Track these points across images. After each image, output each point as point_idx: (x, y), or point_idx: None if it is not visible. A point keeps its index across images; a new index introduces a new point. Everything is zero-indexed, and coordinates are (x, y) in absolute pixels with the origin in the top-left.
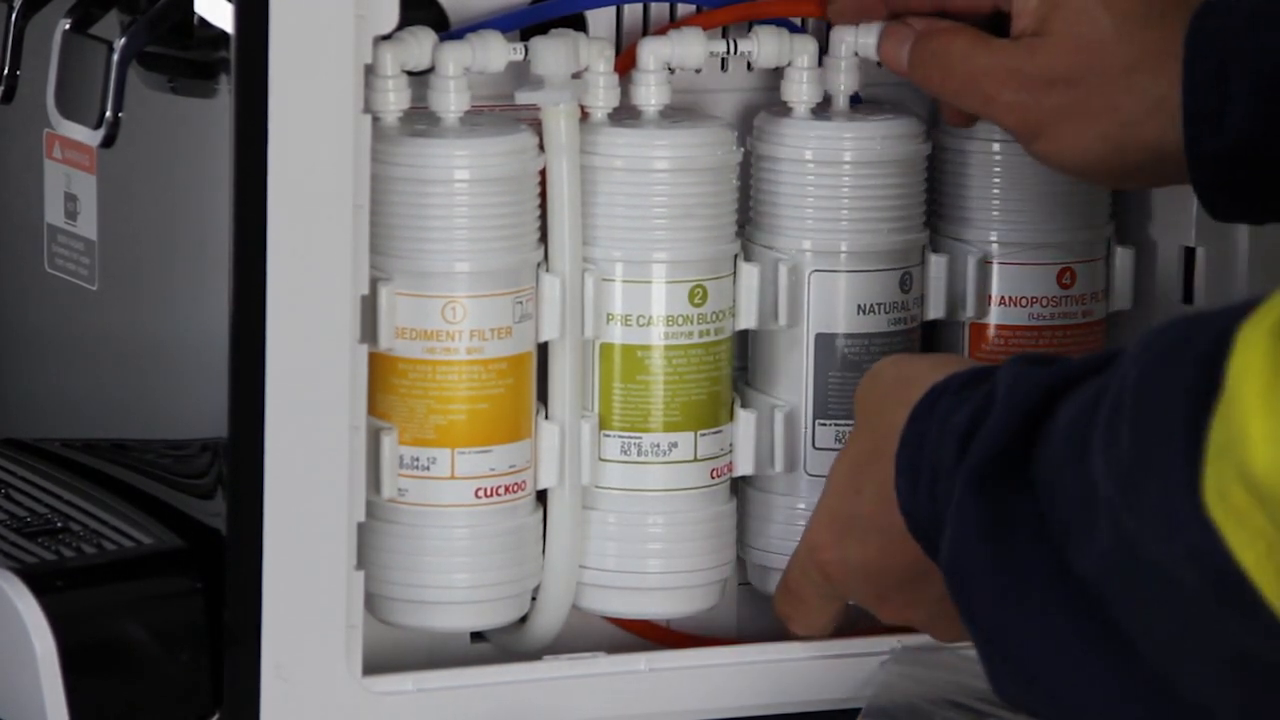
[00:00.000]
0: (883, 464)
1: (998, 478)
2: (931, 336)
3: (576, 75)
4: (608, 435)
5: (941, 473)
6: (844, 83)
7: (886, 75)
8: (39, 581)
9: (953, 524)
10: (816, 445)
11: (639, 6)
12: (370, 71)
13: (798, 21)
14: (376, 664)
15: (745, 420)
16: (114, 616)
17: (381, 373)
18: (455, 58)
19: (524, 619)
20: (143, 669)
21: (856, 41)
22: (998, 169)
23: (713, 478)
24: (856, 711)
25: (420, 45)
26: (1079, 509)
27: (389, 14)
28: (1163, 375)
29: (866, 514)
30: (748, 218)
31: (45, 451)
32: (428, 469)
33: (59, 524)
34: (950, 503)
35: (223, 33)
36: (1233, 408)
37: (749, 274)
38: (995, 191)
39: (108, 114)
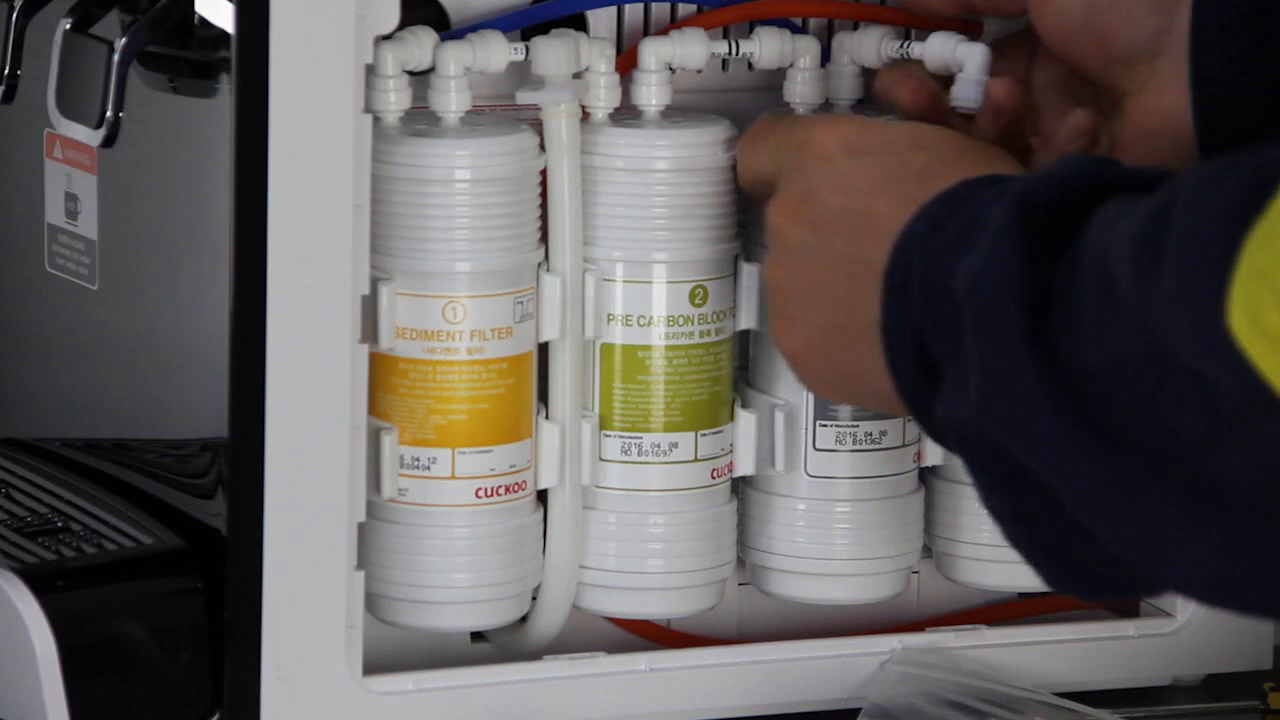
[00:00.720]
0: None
1: (1045, 220)
2: None
3: (577, 75)
4: (608, 435)
5: (987, 217)
6: (846, 89)
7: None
8: (39, 581)
9: (992, 240)
10: (817, 446)
11: (640, 6)
12: (371, 71)
13: (799, 22)
14: (376, 664)
15: (746, 420)
16: (114, 616)
17: (382, 373)
18: (456, 57)
19: (524, 619)
20: (143, 669)
21: (857, 50)
22: None
23: (713, 478)
24: (856, 711)
25: (421, 45)
26: (1095, 299)
27: (390, 14)
28: (1212, 193)
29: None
30: (748, 218)
31: (45, 451)
32: (428, 469)
33: (59, 524)
34: (987, 228)
35: (223, 32)
36: (1277, 234)
37: (750, 274)
38: None
39: (108, 114)
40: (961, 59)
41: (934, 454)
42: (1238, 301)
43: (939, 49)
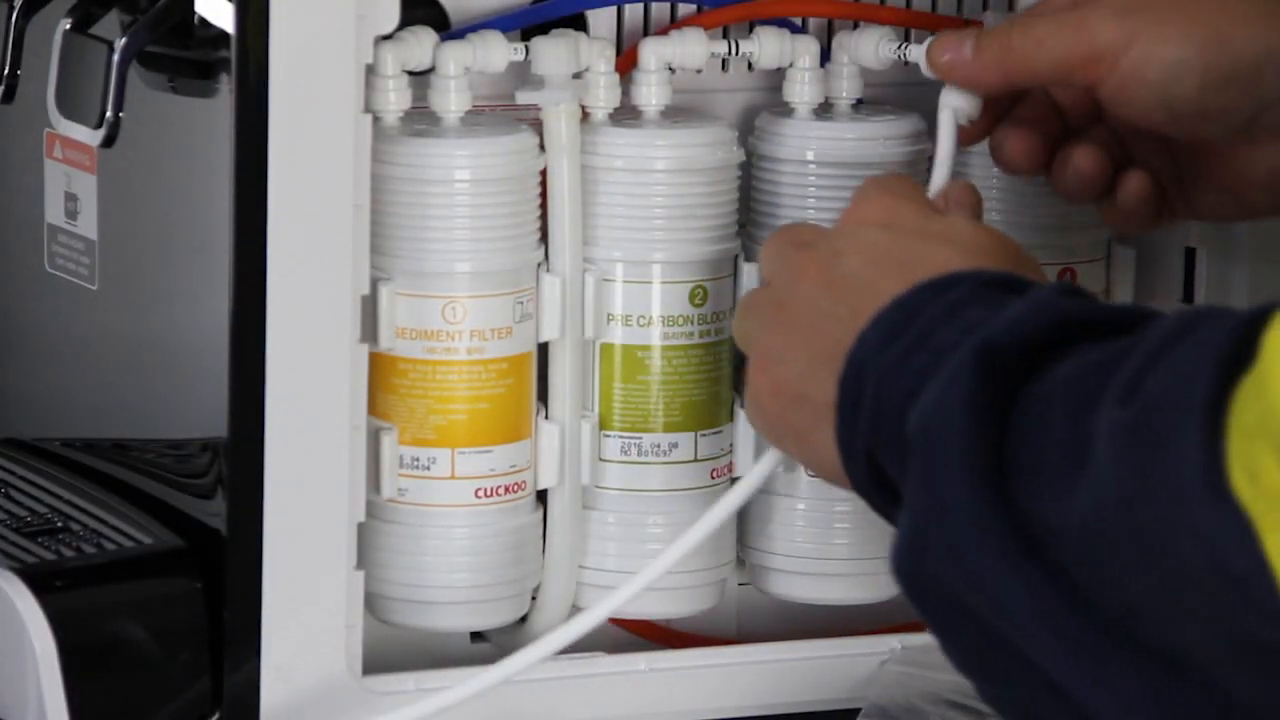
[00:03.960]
0: (854, 306)
1: (1005, 368)
2: None
3: (577, 75)
4: (608, 435)
5: (935, 342)
6: (846, 88)
7: (888, 77)
8: (39, 581)
9: (946, 385)
10: None
11: (640, 7)
12: (371, 71)
13: (799, 22)
14: (376, 664)
15: (745, 421)
16: (114, 616)
17: (382, 373)
18: (456, 58)
19: (524, 619)
20: (143, 669)
21: (856, 50)
22: (997, 169)
23: (713, 478)
24: (856, 711)
25: (421, 45)
26: (1062, 456)
27: (390, 13)
28: (1191, 348)
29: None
30: (748, 218)
31: (45, 451)
32: (428, 469)
33: (59, 524)
34: (944, 367)
35: (223, 32)
36: (1268, 385)
37: (750, 274)
38: (995, 192)
39: (108, 114)
40: None
41: None
42: (1236, 460)
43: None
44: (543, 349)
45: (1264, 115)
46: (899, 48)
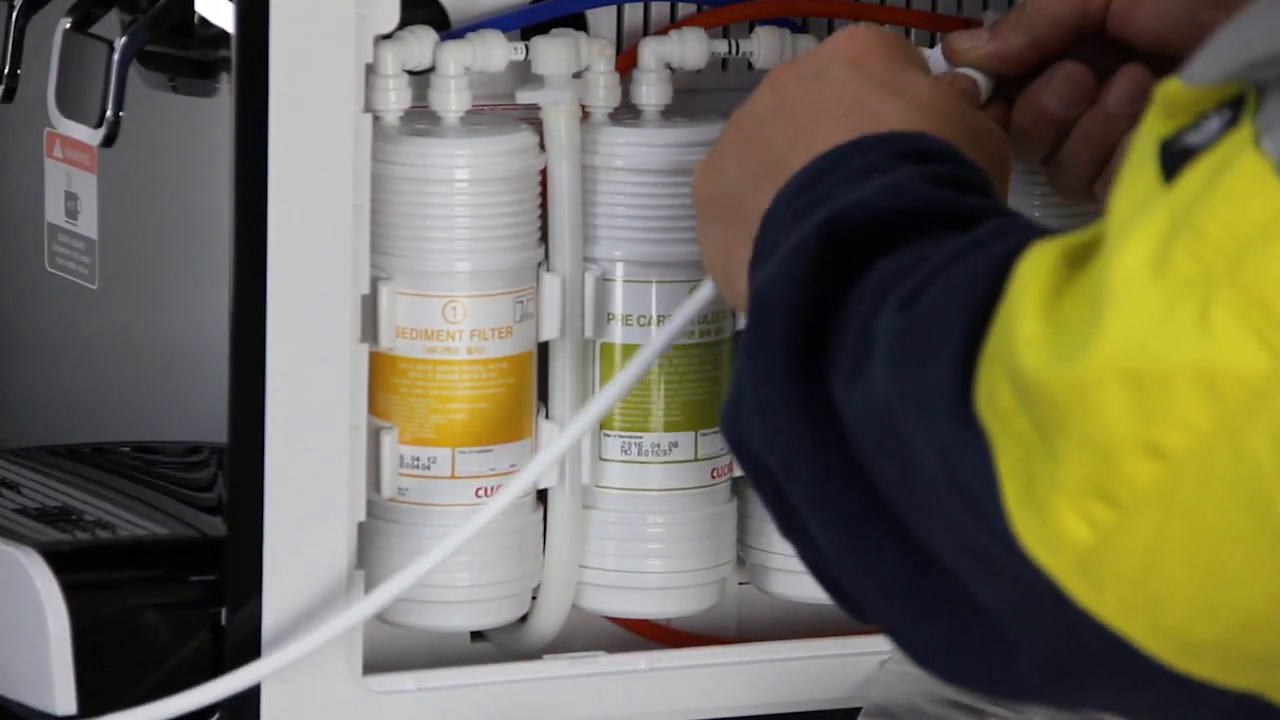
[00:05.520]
0: (786, 151)
1: (847, 247)
2: None
3: (577, 75)
4: (608, 435)
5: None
6: None
7: None
8: (56, 558)
9: (789, 255)
10: None
11: (640, 6)
12: (371, 71)
13: (799, 22)
14: (376, 664)
15: None
16: (127, 598)
17: (382, 372)
18: (456, 57)
19: (524, 618)
20: (151, 653)
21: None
22: None
23: (713, 477)
24: (856, 711)
25: (421, 44)
26: (854, 350)
27: (390, 13)
28: (969, 267)
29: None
30: None
31: (46, 451)
32: (428, 468)
33: (73, 516)
34: (801, 229)
35: (223, 32)
36: (1008, 313)
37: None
38: None
39: (108, 113)
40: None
41: None
42: (982, 382)
43: (942, 59)
44: (543, 348)
45: None
46: None
